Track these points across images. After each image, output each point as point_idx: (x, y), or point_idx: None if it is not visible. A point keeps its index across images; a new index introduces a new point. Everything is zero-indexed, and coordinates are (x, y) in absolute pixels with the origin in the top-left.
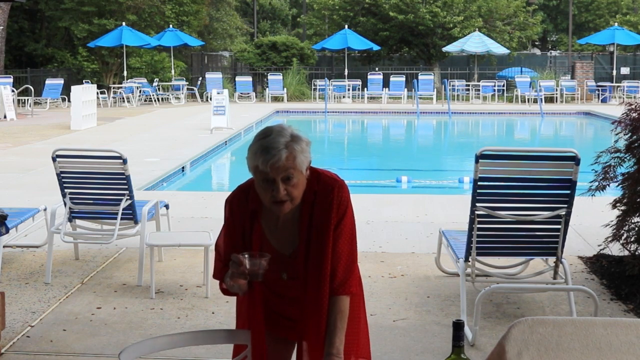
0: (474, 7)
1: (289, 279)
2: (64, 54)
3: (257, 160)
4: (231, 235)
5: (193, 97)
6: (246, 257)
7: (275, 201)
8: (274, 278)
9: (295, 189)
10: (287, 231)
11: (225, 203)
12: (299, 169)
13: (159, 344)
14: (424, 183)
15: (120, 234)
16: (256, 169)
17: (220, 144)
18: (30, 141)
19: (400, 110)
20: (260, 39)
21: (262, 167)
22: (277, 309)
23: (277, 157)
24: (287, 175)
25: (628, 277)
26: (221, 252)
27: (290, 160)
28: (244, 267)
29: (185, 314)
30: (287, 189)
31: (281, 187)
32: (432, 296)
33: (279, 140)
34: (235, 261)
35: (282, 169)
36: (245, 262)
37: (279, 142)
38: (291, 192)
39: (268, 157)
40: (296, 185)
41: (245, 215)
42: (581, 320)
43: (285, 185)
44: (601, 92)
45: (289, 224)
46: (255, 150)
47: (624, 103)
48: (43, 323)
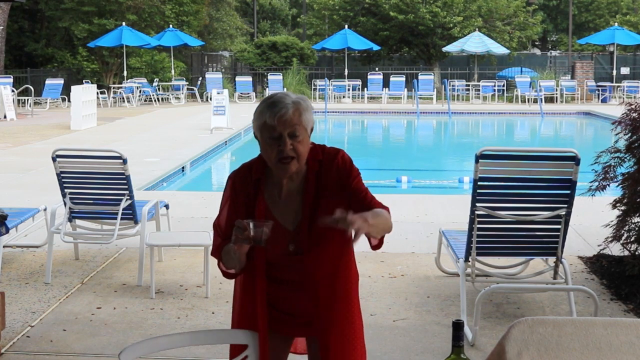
0: (474, 7)
1: (292, 254)
2: (64, 54)
3: (265, 115)
4: (235, 210)
5: (193, 97)
6: (250, 223)
7: (282, 157)
8: (278, 252)
9: (301, 145)
10: (291, 204)
11: (228, 179)
12: (304, 126)
13: (159, 344)
14: (424, 183)
15: (120, 234)
16: (263, 125)
17: (220, 144)
18: (30, 141)
19: (400, 110)
20: (260, 39)
21: (270, 121)
22: (275, 301)
23: (284, 110)
24: (294, 131)
25: (628, 277)
26: (222, 226)
27: (296, 116)
28: (248, 232)
29: (185, 314)
30: (294, 144)
31: (288, 142)
32: (432, 296)
33: (286, 98)
34: (240, 226)
35: (288, 123)
36: (250, 227)
37: (287, 99)
38: (297, 147)
39: (276, 110)
40: (302, 142)
41: (248, 188)
42: (581, 320)
43: (292, 140)
44: (601, 92)
45: (293, 195)
46: (262, 108)
47: (624, 103)
48: (43, 323)
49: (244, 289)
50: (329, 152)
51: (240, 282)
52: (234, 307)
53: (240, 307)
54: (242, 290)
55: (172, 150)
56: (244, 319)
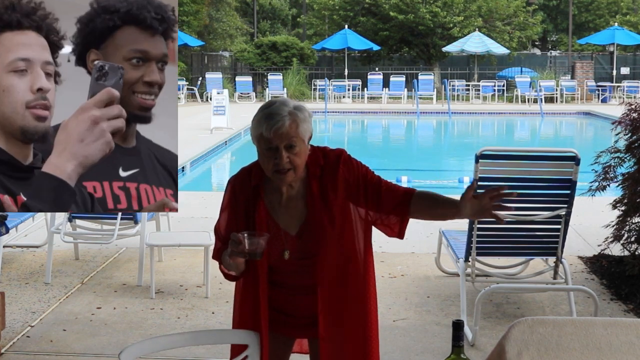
0: (474, 7)
1: (295, 259)
2: None
3: (261, 127)
4: (234, 215)
5: (193, 97)
6: (245, 236)
7: (278, 169)
8: (275, 258)
9: (298, 157)
10: (293, 209)
11: (228, 183)
12: (302, 138)
13: (159, 344)
14: (424, 183)
15: (120, 234)
16: (260, 136)
17: (220, 144)
18: None
19: (400, 110)
20: (260, 39)
21: (266, 133)
22: (276, 304)
23: (280, 122)
24: (290, 143)
25: (628, 277)
26: (222, 231)
27: (293, 128)
28: (243, 246)
29: (185, 314)
30: (290, 157)
31: (284, 155)
32: (432, 296)
33: (282, 109)
34: (235, 240)
35: (285, 136)
36: (245, 241)
37: (283, 110)
38: (294, 160)
39: (272, 123)
40: (299, 154)
41: (248, 193)
42: (581, 320)
43: (288, 153)
44: (601, 92)
45: (294, 200)
46: (259, 118)
47: (624, 103)
48: (43, 323)
49: (245, 290)
50: (329, 155)
51: (241, 283)
52: (235, 307)
53: (241, 308)
54: (243, 292)
55: None
56: (245, 320)
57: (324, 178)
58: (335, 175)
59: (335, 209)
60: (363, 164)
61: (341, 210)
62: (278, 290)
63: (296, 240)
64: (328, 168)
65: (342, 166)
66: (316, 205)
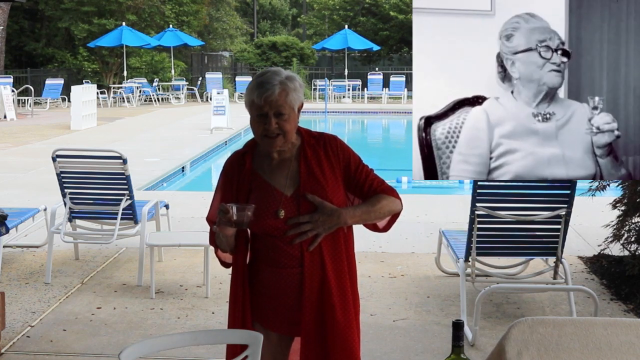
0: None
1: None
2: (64, 54)
3: (253, 94)
4: (227, 194)
5: (193, 97)
6: (233, 207)
7: (267, 134)
8: (270, 217)
9: (287, 123)
10: (286, 169)
11: (223, 166)
12: (291, 106)
13: (159, 344)
14: (424, 183)
15: (120, 234)
16: (252, 103)
17: (220, 144)
18: (30, 141)
19: (400, 110)
20: (260, 39)
21: (257, 100)
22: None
23: (270, 91)
24: (279, 111)
25: (628, 277)
26: (213, 215)
27: (282, 97)
28: (231, 215)
29: (185, 314)
30: (279, 122)
31: (273, 121)
32: (432, 296)
33: (274, 78)
34: (223, 210)
35: (274, 103)
36: (232, 210)
37: (274, 79)
38: (283, 125)
39: (262, 90)
40: (288, 120)
41: (241, 173)
42: (581, 320)
43: (277, 119)
44: None
45: (287, 162)
46: (252, 86)
47: None
48: (43, 323)
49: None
50: (326, 134)
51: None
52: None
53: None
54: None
55: (172, 150)
56: (234, 313)
57: (318, 148)
58: (332, 149)
59: (327, 172)
60: (357, 154)
61: (332, 177)
62: (264, 270)
63: (292, 201)
64: (324, 141)
65: (338, 145)
66: (311, 166)
